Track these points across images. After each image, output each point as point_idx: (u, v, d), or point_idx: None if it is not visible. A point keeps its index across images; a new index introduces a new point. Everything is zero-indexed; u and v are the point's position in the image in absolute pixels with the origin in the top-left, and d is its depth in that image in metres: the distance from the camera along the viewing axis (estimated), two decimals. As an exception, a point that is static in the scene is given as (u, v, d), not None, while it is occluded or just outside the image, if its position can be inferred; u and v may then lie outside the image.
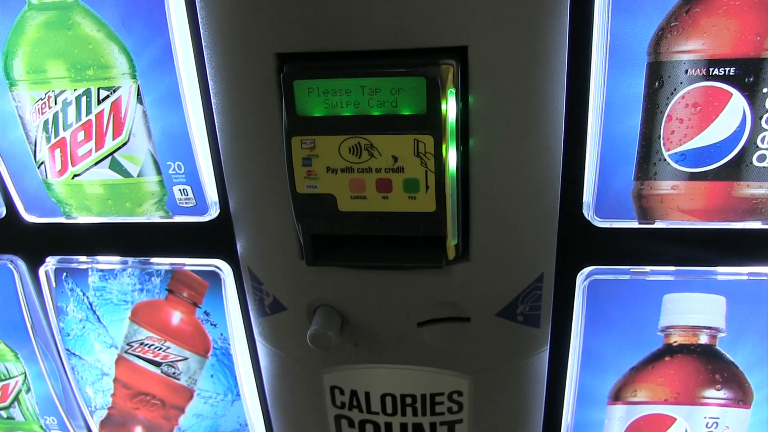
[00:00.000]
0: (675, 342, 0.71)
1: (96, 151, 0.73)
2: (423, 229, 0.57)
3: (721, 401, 0.74)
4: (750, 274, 0.68)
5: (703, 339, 0.71)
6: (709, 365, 0.72)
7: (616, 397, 0.76)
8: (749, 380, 0.73)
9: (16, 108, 0.73)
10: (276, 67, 0.55)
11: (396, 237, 0.59)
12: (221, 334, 0.83)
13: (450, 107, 0.53)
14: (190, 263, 0.80)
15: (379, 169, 0.54)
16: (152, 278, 0.82)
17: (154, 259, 0.82)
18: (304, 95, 0.53)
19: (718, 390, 0.73)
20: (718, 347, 0.71)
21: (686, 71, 0.59)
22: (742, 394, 0.73)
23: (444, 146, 0.53)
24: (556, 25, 0.54)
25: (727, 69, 0.58)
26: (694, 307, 0.70)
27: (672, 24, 0.57)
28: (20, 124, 0.74)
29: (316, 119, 0.54)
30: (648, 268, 0.69)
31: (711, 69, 0.58)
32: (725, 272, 0.68)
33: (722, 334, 0.70)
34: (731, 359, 0.72)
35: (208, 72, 0.62)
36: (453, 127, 0.54)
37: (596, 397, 0.77)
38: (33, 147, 0.75)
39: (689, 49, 0.58)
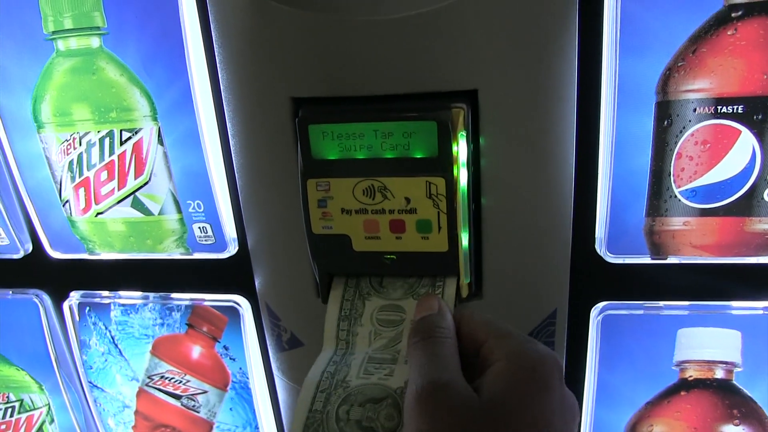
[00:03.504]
0: (690, 376, 0.71)
1: (118, 190, 0.75)
2: (436, 268, 0.57)
3: (740, 436, 0.74)
4: (765, 308, 0.68)
5: (719, 374, 0.71)
6: (726, 400, 0.72)
7: (633, 431, 0.76)
8: (769, 415, 0.72)
9: (43, 149, 0.75)
10: (291, 110, 0.57)
11: (410, 276, 0.60)
12: (240, 368, 0.84)
13: (461, 149, 0.54)
14: (210, 299, 0.82)
15: (392, 210, 0.55)
16: (173, 313, 0.83)
17: (174, 295, 0.83)
18: (319, 139, 0.55)
19: (737, 425, 0.73)
20: (734, 382, 0.71)
21: (695, 110, 0.59)
22: (762, 430, 0.73)
23: (456, 188, 0.54)
24: (564, 66, 0.56)
25: (735, 107, 0.59)
26: (709, 341, 0.69)
27: (679, 64, 0.58)
28: (47, 165, 0.76)
29: (330, 162, 0.55)
30: (662, 303, 0.69)
31: (719, 107, 0.59)
32: (740, 307, 0.68)
33: (738, 369, 0.70)
34: (749, 394, 0.71)
35: (226, 114, 0.64)
36: (464, 168, 0.55)
37: (613, 432, 0.77)
38: (58, 186, 0.77)
39: (697, 88, 0.59)
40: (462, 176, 0.55)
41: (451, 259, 0.56)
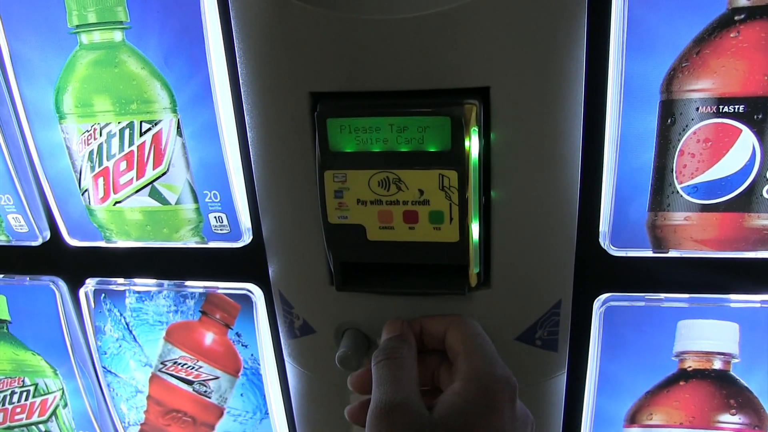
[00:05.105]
0: (689, 367, 0.74)
1: (137, 179, 0.77)
2: (447, 258, 0.60)
3: (736, 426, 0.76)
4: (762, 302, 0.70)
5: (717, 364, 0.73)
6: (723, 390, 0.74)
7: (632, 420, 0.78)
8: (765, 406, 0.75)
9: (64, 139, 0.78)
10: (310, 104, 0.59)
11: (421, 265, 0.62)
12: (252, 355, 0.87)
13: (473, 144, 0.56)
14: (224, 287, 0.84)
15: (406, 201, 0.58)
16: (187, 300, 0.86)
17: (189, 283, 0.85)
18: (337, 132, 0.57)
19: (733, 415, 0.75)
20: (732, 373, 0.73)
21: (697, 109, 0.62)
22: (757, 420, 0.75)
23: (467, 180, 0.56)
24: (573, 66, 0.58)
25: (737, 107, 0.61)
26: (707, 333, 0.72)
27: (683, 64, 0.60)
28: (67, 154, 0.79)
29: (347, 154, 0.57)
30: (662, 295, 0.71)
31: (721, 107, 0.61)
32: (738, 300, 0.70)
33: (736, 360, 0.72)
34: (745, 385, 0.74)
35: (244, 107, 0.65)
36: (476, 162, 0.57)
37: (612, 420, 0.79)
38: (78, 175, 0.80)
39: (700, 88, 0.61)
40: (473, 170, 0.57)
41: (462, 250, 0.59)
